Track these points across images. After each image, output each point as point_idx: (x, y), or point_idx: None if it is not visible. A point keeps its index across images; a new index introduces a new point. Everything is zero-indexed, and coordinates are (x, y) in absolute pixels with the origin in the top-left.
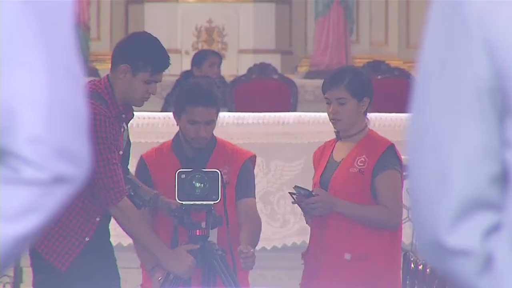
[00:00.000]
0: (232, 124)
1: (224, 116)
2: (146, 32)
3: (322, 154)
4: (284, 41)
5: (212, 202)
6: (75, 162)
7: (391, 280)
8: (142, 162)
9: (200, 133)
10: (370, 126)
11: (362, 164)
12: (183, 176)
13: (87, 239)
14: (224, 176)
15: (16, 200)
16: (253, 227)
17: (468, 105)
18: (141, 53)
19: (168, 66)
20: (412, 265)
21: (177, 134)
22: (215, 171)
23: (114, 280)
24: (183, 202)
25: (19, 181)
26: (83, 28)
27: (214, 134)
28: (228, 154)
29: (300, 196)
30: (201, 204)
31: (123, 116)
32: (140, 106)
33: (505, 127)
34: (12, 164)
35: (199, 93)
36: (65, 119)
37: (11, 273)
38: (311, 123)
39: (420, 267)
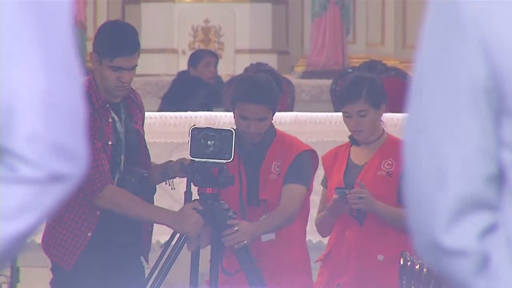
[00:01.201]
0: (228, 124)
1: (221, 115)
2: (117, 20)
3: (336, 159)
4: (281, 41)
5: (224, 161)
6: (72, 160)
7: (395, 280)
8: None
9: (250, 129)
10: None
11: (389, 167)
12: (196, 132)
13: (89, 234)
14: (277, 169)
15: (13, 199)
16: (279, 211)
17: (464, 105)
18: (101, 39)
19: (127, 52)
20: (409, 265)
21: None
22: (229, 130)
23: (129, 275)
24: (195, 159)
25: (16, 179)
26: (79, 28)
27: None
28: (284, 148)
29: (343, 192)
30: (213, 162)
31: (107, 106)
32: (119, 96)
33: (501, 127)
34: (9, 163)
35: (251, 89)
36: (62, 117)
37: (8, 273)
38: (308, 123)
39: (417, 267)
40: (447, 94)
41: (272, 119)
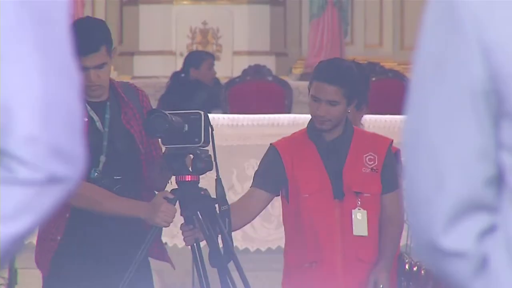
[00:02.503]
0: (226, 126)
1: (219, 118)
2: (86, 17)
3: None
4: (279, 43)
5: (196, 145)
6: (70, 162)
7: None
8: (273, 151)
9: (320, 112)
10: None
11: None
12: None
13: (59, 237)
14: (370, 163)
15: (11, 200)
16: (390, 232)
17: (463, 107)
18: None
19: (85, 51)
20: (407, 267)
21: (312, 119)
22: (198, 112)
23: (107, 278)
24: (167, 146)
25: (14, 181)
26: None
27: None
28: (370, 140)
29: None
30: (183, 147)
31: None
32: (91, 98)
33: (500, 129)
34: (7, 164)
35: (328, 69)
36: (60, 118)
37: (6, 275)
38: (306, 125)
39: (415, 268)
40: (446, 95)
41: (349, 111)
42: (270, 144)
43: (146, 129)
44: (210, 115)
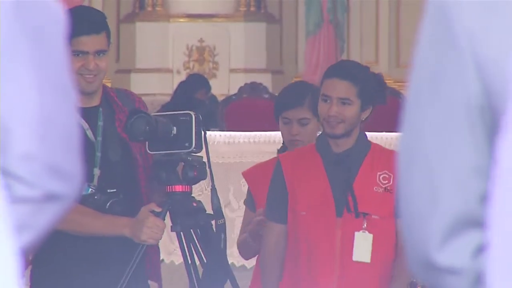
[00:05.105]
0: (223, 143)
1: (215, 135)
2: (80, 5)
3: (265, 178)
4: (275, 60)
5: (186, 151)
6: (67, 179)
7: None
8: (277, 165)
9: (331, 111)
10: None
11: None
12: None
13: (30, 257)
14: (383, 182)
15: None
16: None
17: (458, 123)
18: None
19: (87, 31)
20: None
21: (322, 132)
22: (188, 113)
23: None
24: (153, 153)
25: (11, 199)
26: None
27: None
28: (387, 157)
29: None
30: (172, 153)
31: None
32: (86, 91)
33: (495, 146)
34: (4, 182)
35: (340, 65)
36: (56, 136)
37: None
38: None
39: None
40: (441, 111)
41: (362, 119)
42: (277, 156)
43: (127, 132)
44: (207, 133)
